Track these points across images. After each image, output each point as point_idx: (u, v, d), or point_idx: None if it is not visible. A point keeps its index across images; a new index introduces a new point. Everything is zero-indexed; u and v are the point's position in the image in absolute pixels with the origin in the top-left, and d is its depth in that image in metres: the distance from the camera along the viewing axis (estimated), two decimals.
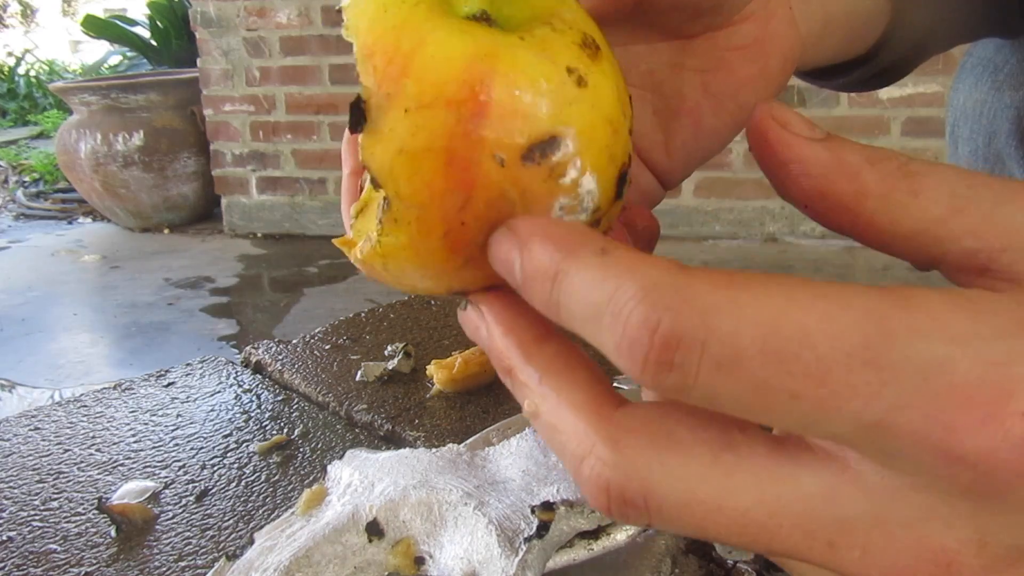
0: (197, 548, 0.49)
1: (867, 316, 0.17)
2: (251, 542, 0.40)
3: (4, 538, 0.50)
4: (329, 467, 0.44)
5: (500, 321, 0.23)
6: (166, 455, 0.59)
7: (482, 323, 0.23)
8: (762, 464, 0.19)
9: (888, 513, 0.18)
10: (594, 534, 0.33)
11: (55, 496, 0.55)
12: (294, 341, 0.79)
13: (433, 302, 0.88)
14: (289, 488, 0.54)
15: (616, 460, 0.19)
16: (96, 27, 5.66)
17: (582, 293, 0.19)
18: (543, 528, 0.33)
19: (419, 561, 0.37)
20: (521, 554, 0.33)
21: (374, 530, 0.38)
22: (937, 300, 0.18)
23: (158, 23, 5.37)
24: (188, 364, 0.75)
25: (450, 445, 0.44)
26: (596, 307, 0.19)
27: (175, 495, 0.54)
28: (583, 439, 0.20)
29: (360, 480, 0.42)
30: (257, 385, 0.71)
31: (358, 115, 0.21)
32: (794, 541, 0.19)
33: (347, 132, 0.25)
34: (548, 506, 0.34)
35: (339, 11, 0.22)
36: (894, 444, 0.17)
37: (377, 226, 0.22)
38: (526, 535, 0.33)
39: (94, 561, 0.48)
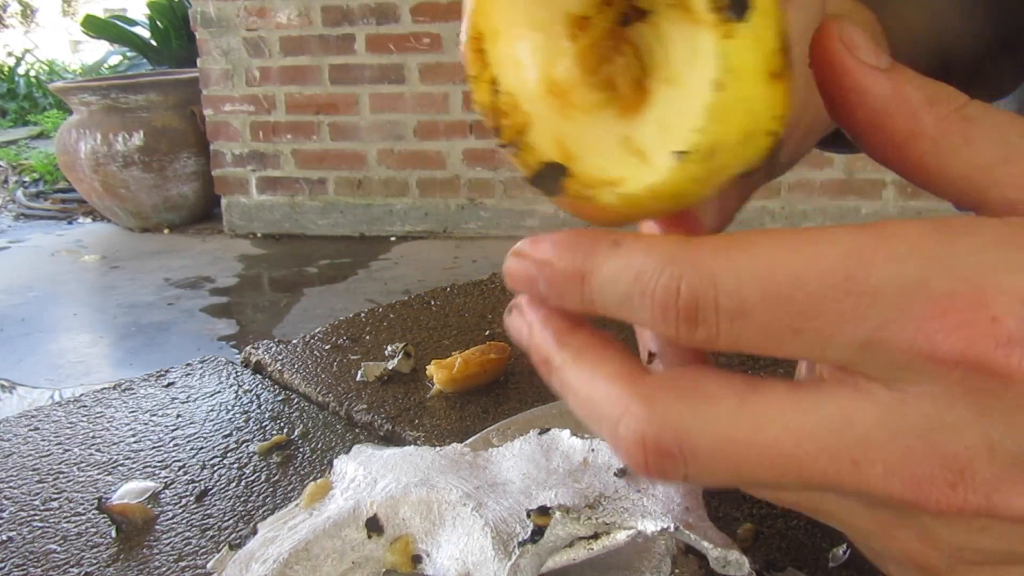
0: (197, 548, 0.49)
1: (847, 252, 0.19)
2: (254, 532, 0.40)
3: (4, 538, 0.50)
4: (335, 461, 0.44)
5: (538, 317, 0.24)
6: (166, 455, 0.59)
7: (523, 322, 0.25)
8: (784, 398, 0.20)
9: (901, 426, 0.19)
10: (593, 534, 0.33)
11: (55, 496, 0.55)
12: (294, 341, 0.79)
13: (433, 302, 0.88)
14: (289, 488, 0.54)
15: (650, 414, 0.21)
16: (96, 27, 5.66)
17: (610, 285, 0.21)
18: (538, 533, 0.33)
19: (416, 559, 0.37)
20: (514, 558, 0.33)
21: (373, 526, 0.38)
22: (913, 227, 0.19)
23: (158, 23, 5.37)
24: (188, 364, 0.76)
25: (454, 445, 0.44)
26: (626, 292, 0.21)
27: (175, 495, 0.54)
28: (617, 402, 0.21)
29: (364, 475, 0.42)
30: (257, 385, 0.71)
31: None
32: (822, 465, 0.20)
33: None
34: (544, 510, 0.33)
35: None
36: (890, 358, 0.19)
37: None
38: (520, 539, 0.33)
39: (94, 561, 0.48)
